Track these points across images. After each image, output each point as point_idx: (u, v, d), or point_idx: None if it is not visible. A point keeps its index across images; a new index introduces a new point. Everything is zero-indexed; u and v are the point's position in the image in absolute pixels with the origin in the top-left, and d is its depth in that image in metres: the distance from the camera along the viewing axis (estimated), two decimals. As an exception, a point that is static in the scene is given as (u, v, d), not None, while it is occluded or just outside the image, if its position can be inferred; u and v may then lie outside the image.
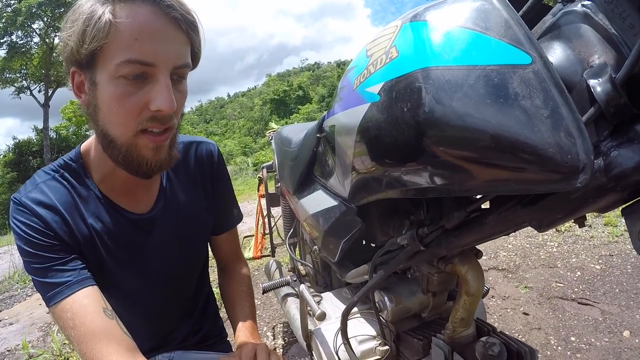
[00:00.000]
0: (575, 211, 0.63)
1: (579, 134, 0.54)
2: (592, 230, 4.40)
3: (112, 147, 1.00)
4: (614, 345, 2.61)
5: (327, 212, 1.37)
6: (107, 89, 0.92)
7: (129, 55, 0.88)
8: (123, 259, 1.19)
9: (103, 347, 0.97)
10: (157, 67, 0.91)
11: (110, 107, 0.94)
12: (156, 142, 1.00)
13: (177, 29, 0.94)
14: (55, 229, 1.05)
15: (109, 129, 0.98)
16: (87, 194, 1.13)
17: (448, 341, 1.08)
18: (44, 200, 1.06)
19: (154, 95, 0.93)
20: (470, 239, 0.83)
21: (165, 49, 0.92)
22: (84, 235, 1.11)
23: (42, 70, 26.89)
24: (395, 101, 0.73)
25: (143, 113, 0.95)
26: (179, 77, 1.00)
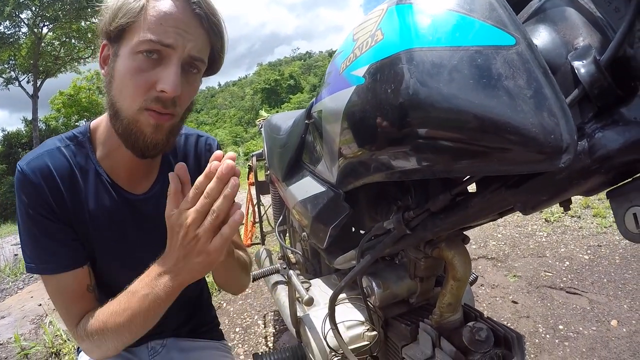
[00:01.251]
0: (560, 193, 0.63)
1: (562, 114, 0.54)
2: (580, 221, 4.43)
3: (116, 118, 1.04)
4: (601, 334, 2.64)
5: (315, 199, 1.36)
6: (124, 62, 0.98)
7: (152, 35, 0.94)
8: (113, 240, 1.20)
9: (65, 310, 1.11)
10: (174, 49, 0.96)
11: (123, 78, 0.99)
12: (158, 120, 1.01)
13: (198, 25, 1.00)
14: (49, 199, 1.07)
15: (118, 99, 1.02)
16: (87, 169, 1.15)
17: (435, 326, 1.09)
18: (43, 169, 1.08)
19: (162, 76, 0.97)
20: (456, 222, 0.83)
21: (184, 36, 0.97)
22: (77, 209, 1.13)
23: (30, 60, 26.55)
24: (380, 83, 0.73)
25: (150, 92, 0.98)
26: (190, 68, 1.03)
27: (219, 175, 0.88)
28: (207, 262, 0.92)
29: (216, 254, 0.91)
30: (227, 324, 3.23)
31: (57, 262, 1.10)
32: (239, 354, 2.83)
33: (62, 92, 30.28)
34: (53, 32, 26.76)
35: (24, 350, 3.12)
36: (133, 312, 0.99)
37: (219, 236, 0.90)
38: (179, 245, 0.92)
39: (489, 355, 0.98)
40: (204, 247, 0.90)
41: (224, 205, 0.88)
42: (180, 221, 0.90)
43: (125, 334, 1.03)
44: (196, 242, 0.90)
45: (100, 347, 1.07)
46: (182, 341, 1.51)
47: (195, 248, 0.90)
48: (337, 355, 1.29)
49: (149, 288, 0.97)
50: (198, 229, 0.89)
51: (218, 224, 0.89)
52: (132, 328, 1.01)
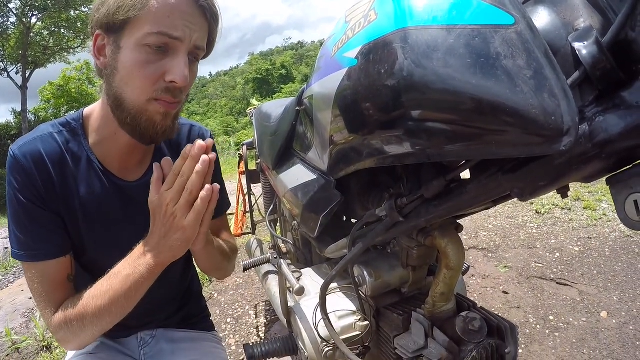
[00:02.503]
0: (559, 179, 0.61)
1: (564, 95, 0.52)
2: (571, 213, 4.44)
3: (122, 110, 1.04)
4: (591, 325, 2.65)
5: (306, 187, 1.35)
6: (130, 55, 0.98)
7: (160, 28, 0.95)
8: (103, 227, 1.19)
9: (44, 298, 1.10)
10: (182, 41, 0.98)
11: (131, 71, 0.99)
12: (167, 108, 1.04)
13: (202, 16, 1.02)
14: (39, 185, 1.07)
15: (124, 91, 1.02)
16: (80, 155, 1.15)
17: (428, 316, 1.07)
18: (35, 154, 1.08)
19: (171, 68, 0.99)
20: (450, 208, 0.81)
21: (190, 28, 0.99)
22: (67, 196, 1.13)
23: (19, 51, 26.23)
24: (373, 64, 0.71)
25: (159, 82, 1.00)
26: (193, 58, 1.06)
27: (192, 154, 0.96)
28: (184, 238, 0.99)
29: (191, 229, 0.98)
30: (218, 314, 3.20)
31: (43, 250, 1.09)
32: (231, 344, 2.82)
33: (51, 82, 29.92)
34: (42, 22, 26.42)
35: (15, 344, 3.07)
36: (115, 292, 1.03)
37: (193, 211, 0.97)
38: (160, 225, 0.99)
39: (482, 346, 0.97)
40: (181, 222, 0.97)
41: (196, 182, 0.95)
42: (161, 201, 0.98)
43: (105, 318, 1.05)
44: (174, 219, 0.97)
45: (78, 334, 1.08)
46: (171, 332, 1.50)
47: (174, 224, 0.97)
48: (328, 345, 1.27)
49: (132, 268, 1.03)
50: (175, 206, 0.96)
51: (192, 200, 0.97)
52: (113, 310, 1.04)
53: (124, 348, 1.44)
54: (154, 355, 1.44)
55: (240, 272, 3.67)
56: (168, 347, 1.45)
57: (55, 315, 1.09)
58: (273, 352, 1.50)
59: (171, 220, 0.97)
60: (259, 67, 73.83)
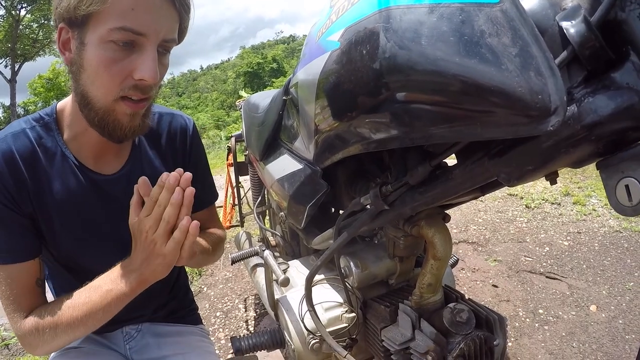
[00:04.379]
0: (547, 163, 0.59)
1: (551, 73, 0.51)
2: (560, 208, 4.44)
3: (89, 109, 1.01)
4: (581, 319, 2.65)
5: (292, 177, 1.33)
6: (95, 52, 0.94)
7: (123, 23, 0.90)
8: (79, 223, 1.16)
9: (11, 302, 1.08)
10: (147, 37, 0.93)
11: (96, 69, 0.95)
12: (134, 108, 1.01)
13: (171, 6, 0.96)
14: (10, 185, 1.04)
15: (90, 89, 0.98)
16: (54, 151, 1.12)
17: (415, 307, 1.06)
18: (5, 153, 1.05)
19: (139, 65, 0.94)
20: (436, 195, 0.80)
21: (157, 22, 0.94)
22: (40, 194, 1.10)
23: (8, 44, 26.13)
24: (355, 46, 0.69)
25: (126, 80, 0.96)
26: (164, 50, 1.02)
27: (167, 185, 0.95)
28: (165, 263, 0.99)
29: (171, 255, 0.97)
30: (207, 308, 3.19)
31: (10, 253, 1.07)
32: (220, 338, 2.80)
33: (41, 76, 29.66)
34: (31, 14, 26.32)
35: (5, 341, 3.05)
36: (94, 305, 1.02)
37: (172, 240, 0.96)
38: (141, 249, 0.99)
39: (470, 337, 0.96)
40: (161, 249, 0.96)
41: (172, 212, 0.94)
42: (141, 227, 0.97)
43: (80, 328, 1.05)
44: (154, 246, 0.96)
45: (48, 342, 1.07)
46: (157, 326, 1.48)
47: (154, 251, 0.97)
48: (315, 337, 1.26)
49: (113, 284, 1.02)
50: (154, 234, 0.96)
51: (170, 229, 0.96)
52: (88, 322, 1.04)
53: (109, 342, 1.43)
54: (139, 350, 1.43)
55: (229, 265, 3.66)
56: (154, 341, 1.43)
57: (26, 321, 1.07)
58: (260, 344, 1.49)
59: (151, 246, 0.97)
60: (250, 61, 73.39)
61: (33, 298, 1.10)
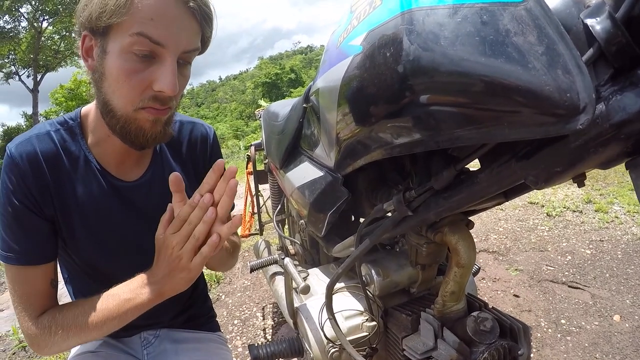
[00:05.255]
0: (576, 164, 0.58)
1: (578, 71, 0.50)
2: (582, 216, 4.39)
3: (111, 116, 1.03)
4: (604, 329, 2.60)
5: (313, 184, 1.33)
6: (116, 61, 0.95)
7: (142, 29, 0.91)
8: (99, 227, 1.17)
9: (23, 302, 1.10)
10: (166, 48, 0.94)
11: (117, 79, 0.96)
12: (155, 114, 1.01)
13: (191, 18, 0.97)
14: (33, 186, 1.06)
15: (111, 98, 1.00)
16: (77, 155, 1.14)
17: (438, 316, 1.04)
18: (30, 154, 1.06)
19: (159, 76, 0.95)
20: (461, 200, 0.78)
21: (177, 34, 0.95)
22: (62, 197, 1.11)
23: (30, 55, 26.62)
24: (378, 49, 0.69)
25: (146, 91, 0.97)
26: (184, 62, 1.03)
27: (201, 204, 0.96)
28: (188, 278, 1.01)
29: (196, 270, 1.00)
30: (225, 316, 3.19)
31: (28, 256, 1.09)
32: (237, 346, 2.80)
33: (62, 85, 30.16)
34: (53, 26, 26.83)
35: (22, 343, 3.10)
36: (110, 313, 1.04)
37: (199, 255, 0.97)
38: (165, 263, 1.00)
39: (494, 347, 0.94)
40: (187, 264, 0.98)
41: (203, 229, 0.96)
42: (167, 243, 0.99)
43: (93, 333, 1.06)
44: (179, 261, 0.98)
45: (58, 344, 1.08)
46: (175, 332, 1.48)
47: (179, 265, 0.98)
48: (334, 346, 1.25)
49: (133, 294, 1.03)
50: (181, 250, 0.97)
51: (198, 245, 0.98)
52: (103, 328, 1.05)
53: (127, 347, 1.43)
54: (157, 355, 1.43)
55: (247, 273, 3.66)
56: (172, 348, 1.43)
57: (38, 320, 1.09)
58: (278, 353, 1.47)
59: (176, 261, 0.98)
60: (268, 72, 73.71)
61: (45, 299, 1.12)
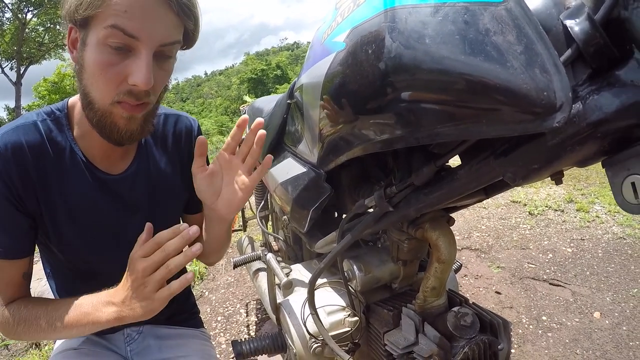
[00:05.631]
0: (553, 161, 0.59)
1: (556, 70, 0.51)
2: (564, 215, 4.44)
3: (89, 109, 1.01)
4: (584, 326, 2.64)
5: (295, 180, 1.33)
6: (93, 54, 0.94)
7: (115, 21, 0.89)
8: (84, 220, 1.16)
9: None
10: (141, 41, 0.92)
11: (94, 71, 0.95)
12: (130, 111, 0.99)
13: (168, 10, 0.94)
14: (15, 179, 1.04)
15: (90, 90, 0.99)
16: (63, 146, 1.11)
17: (419, 311, 1.05)
18: (15, 145, 1.04)
19: (133, 70, 0.93)
20: (441, 196, 0.79)
21: (152, 26, 0.92)
22: (46, 189, 1.09)
23: (14, 46, 26.28)
24: (361, 46, 0.69)
25: (121, 85, 0.95)
26: (165, 56, 1.00)
27: (184, 235, 0.92)
28: (150, 309, 0.96)
29: (159, 303, 0.95)
30: (209, 312, 3.18)
31: (4, 249, 1.07)
32: (221, 342, 2.80)
33: (46, 79, 29.84)
34: (37, 18, 26.47)
35: (4, 341, 3.06)
36: (70, 321, 1.02)
37: (167, 289, 0.94)
38: (127, 287, 0.96)
39: (474, 341, 0.95)
40: (150, 294, 0.94)
41: (181, 262, 0.92)
42: (134, 266, 0.94)
43: (51, 334, 1.06)
44: (143, 288, 0.94)
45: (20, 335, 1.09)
46: (159, 328, 1.47)
47: (142, 293, 0.94)
48: (317, 342, 1.25)
49: (93, 309, 1.01)
50: (147, 277, 0.93)
51: (169, 276, 0.94)
52: (61, 333, 1.06)
53: (110, 344, 1.42)
54: (140, 352, 1.42)
55: (231, 270, 3.65)
56: (155, 344, 1.42)
57: (5, 308, 1.09)
58: (261, 349, 1.48)
59: (141, 288, 0.94)
60: (254, 67, 73.57)
61: (15, 290, 1.11)
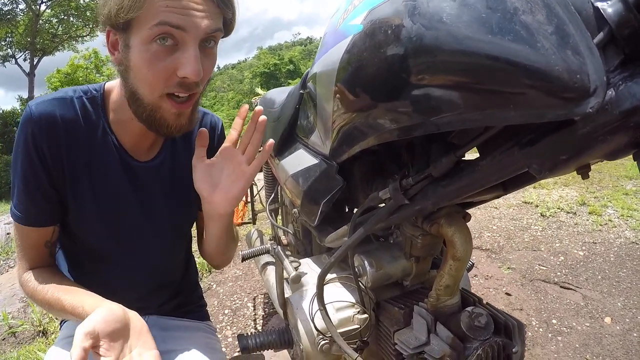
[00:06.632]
0: (582, 152, 0.55)
1: (589, 52, 0.47)
2: (576, 217, 4.40)
3: (137, 105, 1.05)
4: (595, 331, 2.60)
5: (307, 172, 1.30)
6: (139, 53, 0.97)
7: (160, 18, 0.92)
8: (106, 199, 1.19)
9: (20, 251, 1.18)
10: (187, 32, 0.95)
11: (141, 69, 0.98)
12: (179, 108, 1.03)
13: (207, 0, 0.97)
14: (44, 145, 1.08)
15: (137, 88, 1.02)
16: (96, 125, 1.16)
17: (431, 310, 1.02)
18: (49, 116, 1.08)
19: (182, 63, 0.96)
20: (460, 189, 0.76)
21: (195, 16, 0.95)
22: (73, 164, 1.13)
23: (27, 38, 26.48)
24: (379, 27, 0.66)
25: (171, 78, 0.99)
26: (209, 43, 1.03)
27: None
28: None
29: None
30: (216, 305, 3.18)
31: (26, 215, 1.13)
32: (227, 336, 2.79)
33: (59, 70, 29.99)
34: (51, 10, 26.68)
35: (12, 329, 3.10)
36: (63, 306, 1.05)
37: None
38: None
39: (488, 343, 0.92)
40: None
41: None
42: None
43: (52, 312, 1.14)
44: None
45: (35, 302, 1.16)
46: (164, 319, 1.46)
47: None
48: (324, 338, 1.23)
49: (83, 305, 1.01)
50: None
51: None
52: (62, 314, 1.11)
53: None
54: None
55: (239, 263, 3.64)
56: (159, 335, 1.40)
57: (24, 275, 1.16)
58: (268, 343, 1.45)
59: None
60: (267, 62, 73.43)
61: (38, 256, 1.18)
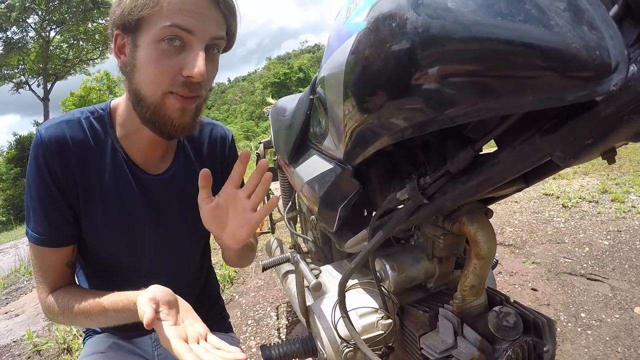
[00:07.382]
0: (607, 135, 0.52)
1: (606, 26, 0.44)
2: (599, 206, 4.33)
3: (141, 105, 1.07)
4: (625, 322, 2.54)
5: (322, 178, 1.29)
6: (147, 51, 1.01)
7: (172, 20, 0.96)
8: (119, 216, 1.21)
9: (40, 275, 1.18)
10: (195, 36, 0.99)
11: (147, 66, 1.01)
12: (183, 103, 1.05)
13: (216, 9, 1.03)
14: (58, 170, 1.11)
15: (142, 87, 1.05)
16: (105, 143, 1.18)
17: (457, 312, 1.00)
18: (59, 138, 1.11)
19: (188, 62, 1.00)
20: (480, 184, 0.73)
21: (204, 22, 1.00)
22: (86, 184, 1.16)
23: (39, 64, 27.03)
24: (383, 21, 0.64)
25: (176, 77, 1.02)
26: (212, 50, 1.08)
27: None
28: None
29: None
30: (239, 316, 3.17)
31: (45, 236, 1.13)
32: (251, 346, 2.78)
33: (72, 93, 30.58)
34: (61, 35, 27.27)
35: (37, 347, 3.13)
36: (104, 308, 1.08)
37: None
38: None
39: (518, 343, 0.89)
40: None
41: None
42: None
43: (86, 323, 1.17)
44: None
45: (61, 321, 1.19)
46: None
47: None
48: (348, 346, 1.21)
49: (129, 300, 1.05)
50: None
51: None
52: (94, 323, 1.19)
53: (137, 348, 1.44)
54: (168, 356, 1.43)
55: (261, 273, 3.64)
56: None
57: (47, 297, 1.16)
58: (291, 353, 1.44)
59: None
60: (276, 72, 73.84)
61: (60, 277, 1.19)
